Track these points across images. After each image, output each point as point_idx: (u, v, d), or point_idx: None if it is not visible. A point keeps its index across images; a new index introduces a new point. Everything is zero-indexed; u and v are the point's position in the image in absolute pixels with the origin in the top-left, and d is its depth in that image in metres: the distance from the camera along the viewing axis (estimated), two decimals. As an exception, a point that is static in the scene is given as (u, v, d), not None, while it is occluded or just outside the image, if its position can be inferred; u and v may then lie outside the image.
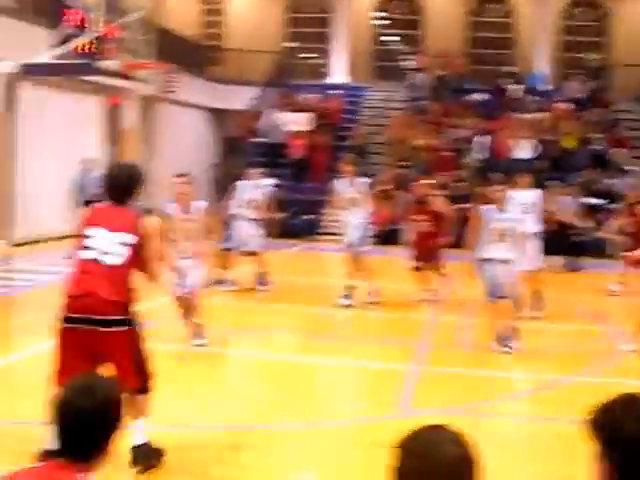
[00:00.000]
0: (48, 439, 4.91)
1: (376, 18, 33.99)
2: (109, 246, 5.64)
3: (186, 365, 9.29)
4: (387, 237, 22.06)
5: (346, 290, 13.23)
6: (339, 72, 32.51)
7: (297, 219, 23.84)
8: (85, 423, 2.88)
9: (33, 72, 15.85)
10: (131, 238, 5.67)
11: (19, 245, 19.13)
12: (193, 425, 7.21)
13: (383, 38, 34.12)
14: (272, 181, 25.23)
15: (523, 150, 24.87)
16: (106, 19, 13.95)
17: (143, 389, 5.85)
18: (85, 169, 18.61)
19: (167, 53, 23.96)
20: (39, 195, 21.37)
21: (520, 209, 10.92)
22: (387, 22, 34.07)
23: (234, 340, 10.98)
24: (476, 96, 28.35)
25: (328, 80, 32.25)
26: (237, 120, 28.75)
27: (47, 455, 4.54)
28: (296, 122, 27.06)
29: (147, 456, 5.92)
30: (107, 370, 5.44)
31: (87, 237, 5.68)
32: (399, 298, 14.04)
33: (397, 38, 34.10)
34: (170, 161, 26.35)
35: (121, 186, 5.89)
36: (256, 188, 14.77)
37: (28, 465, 3.11)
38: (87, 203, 18.44)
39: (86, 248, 5.68)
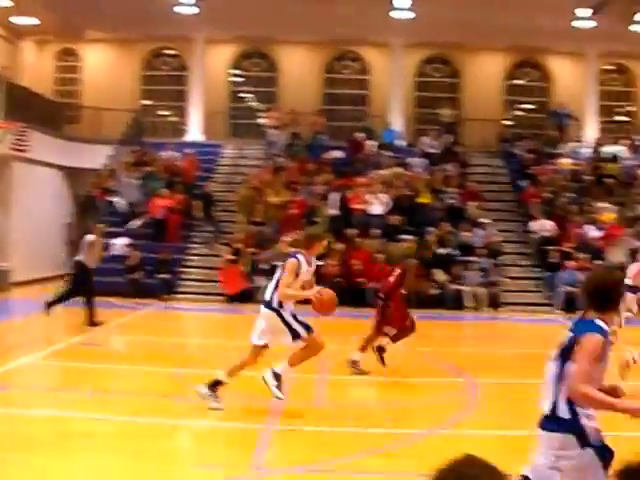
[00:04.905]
0: None
1: (232, 75, 34.02)
2: None
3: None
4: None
5: None
6: (195, 130, 32.26)
7: (152, 278, 23.39)
8: None
9: None
10: None
11: None
12: None
13: (239, 95, 34.17)
14: (124, 240, 24.82)
15: (377, 205, 25.02)
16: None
17: None
18: None
19: (20, 110, 23.26)
20: None
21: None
22: (243, 79, 34.17)
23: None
24: (331, 153, 28.52)
25: (185, 138, 31.97)
26: (92, 179, 28.13)
27: None
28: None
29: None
30: None
31: None
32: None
33: (253, 95, 34.22)
34: (25, 220, 25.56)
35: None
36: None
37: None
38: None
39: None
